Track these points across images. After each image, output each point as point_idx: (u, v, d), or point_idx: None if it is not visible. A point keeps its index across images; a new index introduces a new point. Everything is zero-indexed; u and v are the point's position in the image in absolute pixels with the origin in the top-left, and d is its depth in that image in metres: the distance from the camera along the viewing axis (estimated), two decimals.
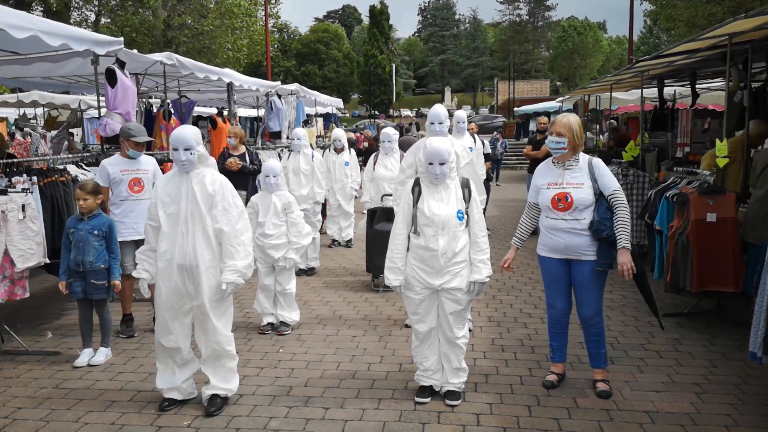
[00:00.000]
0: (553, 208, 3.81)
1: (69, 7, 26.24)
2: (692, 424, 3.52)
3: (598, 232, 3.71)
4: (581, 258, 3.80)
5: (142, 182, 5.14)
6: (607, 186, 3.76)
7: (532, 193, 4.05)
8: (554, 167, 3.91)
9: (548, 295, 4.10)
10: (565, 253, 3.84)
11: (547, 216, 3.90)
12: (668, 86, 10.76)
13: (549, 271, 3.99)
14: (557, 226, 3.82)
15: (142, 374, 4.39)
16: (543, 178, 3.94)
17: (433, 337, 3.90)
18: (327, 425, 3.58)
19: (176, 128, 3.71)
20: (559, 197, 3.79)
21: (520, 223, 4.18)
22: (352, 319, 5.63)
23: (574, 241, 3.78)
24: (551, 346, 4.17)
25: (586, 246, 3.77)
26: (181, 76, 8.82)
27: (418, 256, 3.76)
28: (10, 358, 4.74)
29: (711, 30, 5.17)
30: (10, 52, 6.34)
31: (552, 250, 3.90)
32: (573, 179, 3.80)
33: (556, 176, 3.86)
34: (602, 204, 3.74)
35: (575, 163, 3.85)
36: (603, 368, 4.01)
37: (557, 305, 4.02)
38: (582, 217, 3.75)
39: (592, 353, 4.02)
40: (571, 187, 3.78)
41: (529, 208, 4.13)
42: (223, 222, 3.67)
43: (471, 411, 3.73)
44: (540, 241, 4.01)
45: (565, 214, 3.77)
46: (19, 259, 4.59)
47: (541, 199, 3.93)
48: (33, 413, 3.80)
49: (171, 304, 3.73)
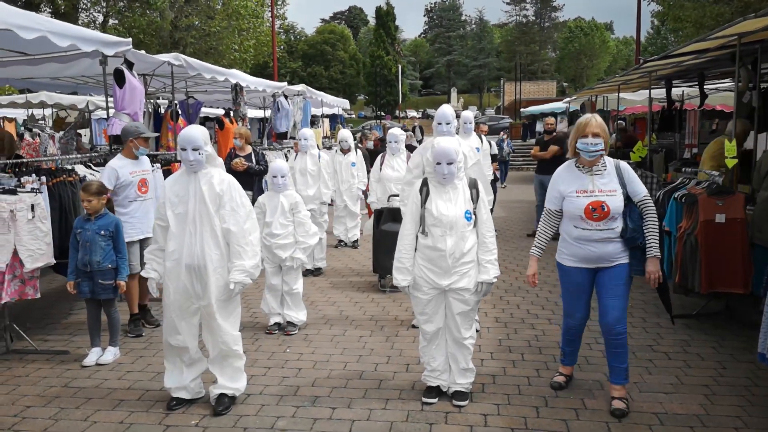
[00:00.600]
0: (587, 218, 3.57)
1: (77, 9, 26.40)
2: (701, 426, 3.50)
3: (633, 240, 3.57)
4: (612, 264, 3.64)
5: (148, 182, 5.19)
6: (637, 192, 3.61)
7: (553, 200, 3.77)
8: (579, 172, 3.67)
9: (568, 304, 3.90)
10: (597, 262, 3.65)
11: (576, 226, 3.63)
12: (676, 87, 10.71)
13: (574, 281, 3.77)
14: (591, 237, 3.59)
15: (150, 373, 4.41)
16: (569, 185, 3.67)
17: (440, 338, 3.89)
18: (334, 425, 3.58)
19: (184, 128, 3.72)
20: (594, 206, 3.55)
21: (539, 232, 3.92)
22: (358, 320, 5.63)
23: (606, 249, 3.60)
24: (563, 350, 4.09)
25: (618, 251, 3.61)
26: (189, 77, 8.85)
27: (426, 256, 3.75)
28: (19, 357, 4.77)
29: (720, 30, 5.14)
30: (19, 52, 6.38)
31: (581, 260, 3.68)
32: (605, 186, 3.59)
33: (585, 183, 3.61)
34: (634, 210, 3.59)
35: (604, 168, 3.64)
36: (623, 385, 3.75)
37: (577, 315, 3.86)
38: (615, 225, 3.57)
39: (612, 367, 3.75)
40: (605, 195, 3.56)
41: (550, 216, 3.84)
42: (231, 222, 3.68)
43: (478, 411, 3.73)
44: (564, 250, 3.77)
45: (600, 224, 3.56)
46: (28, 259, 4.61)
47: (569, 207, 3.65)
48: (42, 412, 3.82)
49: (179, 303, 3.75)
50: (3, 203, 4.44)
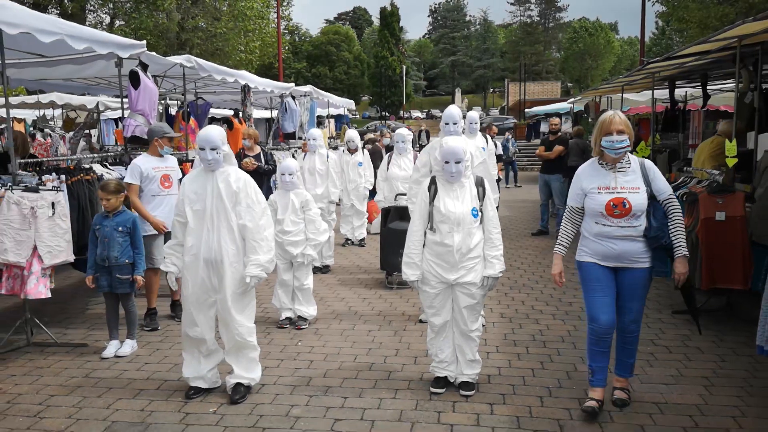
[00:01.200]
0: (608, 215, 3.51)
1: (84, 10, 26.65)
2: (700, 415, 3.64)
3: (657, 239, 3.51)
4: (634, 265, 3.57)
5: (171, 178, 5.38)
6: (662, 191, 3.56)
7: (575, 197, 3.71)
8: (603, 169, 3.61)
9: (591, 307, 3.67)
10: (618, 261, 3.58)
11: (597, 222, 3.58)
12: (679, 87, 10.82)
13: (596, 279, 3.63)
14: (611, 234, 3.53)
15: (167, 365, 4.57)
16: (591, 181, 3.61)
17: (447, 330, 4.03)
18: (347, 413, 3.73)
19: (202, 129, 3.88)
20: (615, 203, 3.49)
21: (561, 230, 3.82)
22: (367, 315, 5.78)
23: (628, 248, 3.53)
24: (590, 368, 3.74)
25: (641, 252, 3.55)
26: (198, 78, 9.01)
27: (434, 251, 3.90)
28: (39, 350, 4.94)
29: (721, 32, 5.27)
30: (37, 54, 6.56)
31: (603, 257, 3.60)
32: (628, 183, 3.52)
33: (608, 179, 3.56)
34: (658, 209, 3.53)
35: (628, 165, 3.58)
36: (626, 378, 3.83)
37: (602, 318, 3.60)
38: (638, 223, 3.51)
39: (620, 361, 3.80)
40: (627, 191, 3.50)
41: (573, 213, 3.77)
42: (247, 218, 3.84)
43: (485, 401, 3.87)
44: (585, 247, 3.69)
45: (621, 221, 3.50)
46: (47, 255, 4.76)
47: (590, 204, 3.60)
48: (65, 400, 3.98)
49: (197, 297, 3.90)
50: (25, 200, 4.60)
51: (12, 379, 4.37)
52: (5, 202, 4.55)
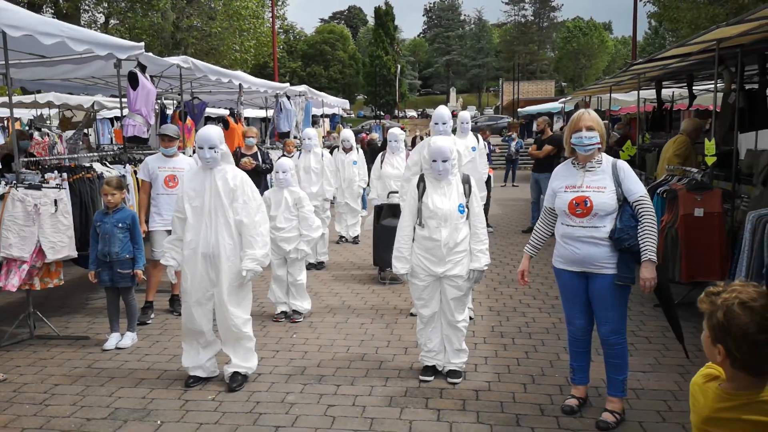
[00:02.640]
0: (570, 214, 3.45)
1: (79, 9, 26.70)
2: (674, 400, 3.85)
3: (620, 241, 3.34)
4: (600, 271, 3.44)
5: (177, 179, 5.55)
6: (632, 191, 3.41)
7: (548, 197, 3.70)
8: (573, 168, 3.57)
9: (567, 311, 3.73)
10: (582, 266, 3.48)
11: (562, 222, 3.54)
12: (666, 88, 11.05)
13: (565, 285, 3.64)
14: (573, 234, 3.46)
15: (166, 356, 4.74)
16: (561, 181, 3.59)
17: (436, 321, 4.23)
18: (339, 399, 3.92)
19: (201, 129, 4.05)
20: (578, 201, 3.42)
21: (535, 229, 3.83)
22: (360, 309, 5.96)
23: (591, 251, 3.41)
24: (571, 366, 3.80)
25: (605, 257, 3.41)
26: (194, 79, 9.17)
27: (422, 246, 4.09)
28: (42, 342, 5.10)
29: (699, 35, 5.48)
30: (37, 55, 6.71)
31: (568, 261, 3.54)
32: (593, 182, 3.45)
33: (576, 179, 3.50)
34: (626, 211, 3.39)
35: (598, 165, 3.49)
36: (620, 398, 3.58)
37: (576, 322, 3.65)
38: (602, 224, 3.39)
39: (609, 377, 3.62)
40: (591, 190, 3.42)
41: (546, 214, 3.76)
42: (243, 214, 4.02)
43: (471, 388, 4.07)
44: (556, 252, 3.65)
45: (583, 220, 3.42)
46: (49, 251, 4.94)
47: (557, 203, 3.56)
48: (69, 389, 4.16)
49: (195, 290, 4.08)
50: (29, 198, 4.77)
51: (17, 369, 4.53)
52: (10, 199, 4.72)
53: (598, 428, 3.50)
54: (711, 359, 1.79)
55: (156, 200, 5.56)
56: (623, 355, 3.55)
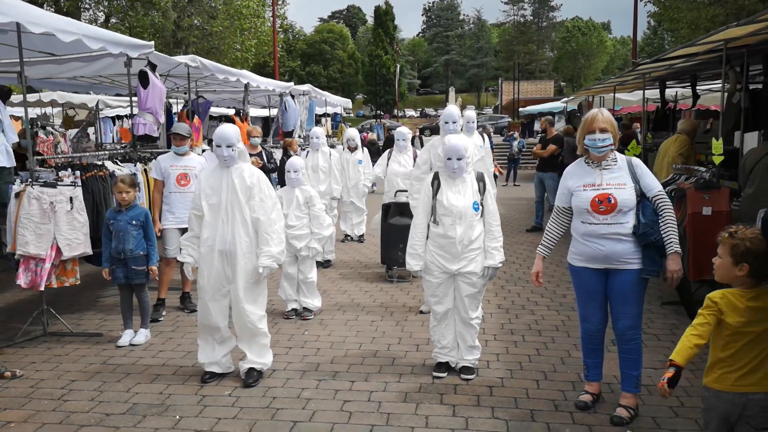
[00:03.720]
0: (594, 212, 3.46)
1: (79, 8, 26.69)
2: (686, 396, 3.90)
3: (646, 236, 3.40)
4: (624, 267, 3.47)
5: (189, 177, 5.59)
6: (651, 187, 3.48)
7: (562, 197, 3.71)
8: (589, 167, 3.58)
9: (582, 308, 3.73)
10: (606, 262, 3.50)
11: (583, 221, 3.53)
12: (670, 88, 11.11)
13: (584, 283, 3.63)
14: (598, 232, 3.46)
15: (181, 352, 4.78)
16: (577, 180, 3.59)
17: (449, 318, 4.27)
18: (354, 394, 3.97)
19: (219, 127, 4.10)
20: (600, 199, 3.44)
21: (547, 230, 3.81)
22: (369, 306, 6.01)
23: (616, 248, 3.44)
24: (585, 363, 3.82)
25: (630, 253, 3.45)
26: (200, 78, 9.21)
27: (437, 243, 4.13)
28: (56, 339, 5.14)
29: (708, 36, 5.53)
30: (46, 53, 6.74)
31: (590, 259, 3.54)
32: (613, 179, 3.47)
33: (593, 177, 3.52)
34: (647, 206, 3.46)
35: (614, 162, 3.53)
36: (633, 393, 3.62)
37: (593, 319, 3.67)
38: (625, 220, 3.43)
39: (623, 373, 3.64)
40: (613, 187, 3.45)
41: (559, 213, 3.75)
42: (260, 212, 4.06)
43: (484, 384, 4.12)
44: (574, 249, 3.65)
45: (607, 217, 3.43)
46: (66, 248, 4.97)
47: (576, 202, 3.56)
48: (87, 385, 4.20)
49: (212, 286, 4.12)
50: (44, 195, 4.81)
51: (33, 366, 4.57)
52: (26, 197, 4.76)
53: (612, 423, 3.54)
54: (727, 278, 2.71)
55: (168, 198, 5.62)
56: (638, 350, 3.59)
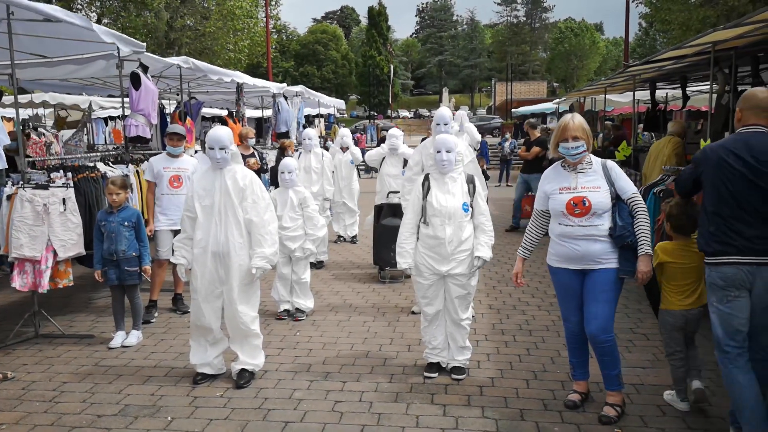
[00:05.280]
0: (569, 214, 3.55)
1: (72, 9, 26.62)
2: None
3: (622, 238, 3.48)
4: (599, 266, 3.55)
5: (181, 179, 5.61)
6: (625, 190, 3.57)
7: (539, 200, 3.80)
8: (564, 171, 3.67)
9: (563, 308, 3.82)
10: (582, 263, 3.58)
11: (560, 223, 3.62)
12: (660, 89, 11.19)
13: (562, 283, 3.73)
14: (573, 234, 3.55)
15: (173, 354, 4.80)
16: (553, 183, 3.69)
17: (440, 319, 4.31)
18: (346, 395, 3.99)
19: (212, 130, 4.12)
20: (575, 201, 3.53)
21: (526, 232, 3.91)
22: (361, 307, 6.03)
23: (591, 248, 3.52)
24: (571, 363, 3.90)
25: (605, 252, 3.53)
26: (193, 79, 9.22)
27: (427, 244, 4.17)
28: (48, 341, 5.13)
29: (696, 38, 5.60)
30: (38, 55, 6.74)
31: (567, 259, 3.63)
32: (588, 182, 3.57)
33: (569, 180, 3.61)
34: (623, 208, 3.54)
35: (589, 166, 3.62)
36: (617, 390, 3.68)
37: (573, 319, 3.74)
38: (600, 222, 3.51)
39: (604, 374, 3.69)
40: (587, 190, 3.54)
41: (538, 216, 3.84)
42: (253, 213, 4.09)
43: (475, 384, 4.15)
44: (551, 250, 3.74)
45: (582, 219, 3.52)
46: (60, 249, 4.98)
47: (553, 204, 3.65)
48: (78, 386, 4.20)
49: (205, 288, 4.14)
50: (37, 197, 4.81)
51: (24, 368, 4.57)
52: (18, 199, 4.76)
53: (600, 422, 3.58)
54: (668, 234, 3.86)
55: (160, 200, 5.63)
56: (613, 351, 3.62)
